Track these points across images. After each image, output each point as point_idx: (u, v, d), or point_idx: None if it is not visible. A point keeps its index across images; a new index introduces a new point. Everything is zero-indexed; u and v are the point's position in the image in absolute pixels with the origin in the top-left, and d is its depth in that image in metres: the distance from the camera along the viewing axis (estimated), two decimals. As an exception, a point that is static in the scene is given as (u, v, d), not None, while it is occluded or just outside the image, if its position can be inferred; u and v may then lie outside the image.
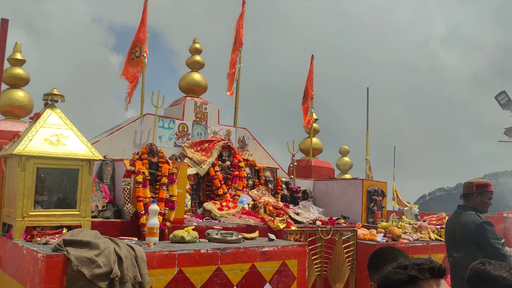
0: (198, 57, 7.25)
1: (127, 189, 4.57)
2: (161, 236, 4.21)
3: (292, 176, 7.47)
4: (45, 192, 3.79)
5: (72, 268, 2.98)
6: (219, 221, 5.35)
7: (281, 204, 6.05)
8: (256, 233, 4.67)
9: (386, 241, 5.69)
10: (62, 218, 3.79)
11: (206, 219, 5.47)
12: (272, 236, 4.53)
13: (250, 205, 5.98)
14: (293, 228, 5.46)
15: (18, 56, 5.98)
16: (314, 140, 9.05)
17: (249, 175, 6.64)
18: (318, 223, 6.20)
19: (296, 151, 7.71)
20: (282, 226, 5.40)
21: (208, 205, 5.66)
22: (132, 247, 3.32)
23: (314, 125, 8.97)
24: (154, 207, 4.02)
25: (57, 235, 3.61)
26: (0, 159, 4.13)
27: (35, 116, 4.02)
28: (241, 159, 6.53)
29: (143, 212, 4.45)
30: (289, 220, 5.74)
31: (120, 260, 3.15)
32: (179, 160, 5.83)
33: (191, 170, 5.93)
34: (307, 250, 4.40)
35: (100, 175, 5.04)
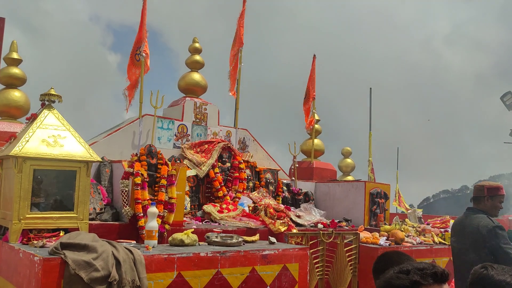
0: (197, 57, 7.20)
1: (126, 191, 4.55)
2: (160, 239, 4.20)
3: (293, 178, 7.44)
4: (42, 194, 3.76)
5: (69, 272, 2.95)
6: (219, 224, 5.33)
7: (282, 207, 6.02)
8: (257, 236, 4.64)
9: (389, 245, 5.64)
10: (59, 220, 3.76)
11: (205, 222, 5.45)
12: (273, 239, 4.51)
13: (250, 208, 5.95)
14: (294, 231, 5.43)
15: (15, 55, 5.94)
16: (316, 141, 9.01)
17: (249, 177, 6.61)
18: (320, 226, 6.18)
19: (298, 153, 7.67)
20: (283, 229, 5.37)
21: (208, 207, 5.63)
22: (130, 250, 3.29)
23: (316, 126, 8.93)
24: (153, 209, 4.00)
25: (54, 238, 3.57)
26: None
27: (32, 116, 4.00)
28: (242, 161, 6.51)
29: (142, 214, 4.43)
30: (290, 223, 5.73)
31: (118, 263, 3.12)
32: (178, 161, 5.79)
33: (191, 172, 5.90)
34: (308, 254, 4.39)
35: (98, 177, 5.00)
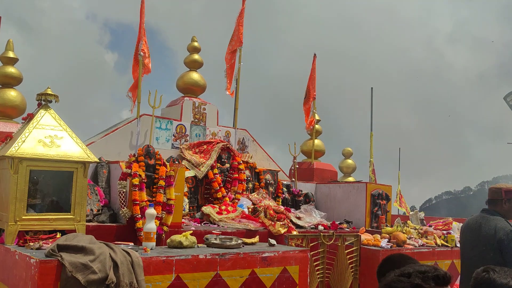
0: (196, 56, 7.17)
1: (123, 192, 4.54)
2: (158, 241, 4.17)
3: (293, 179, 7.41)
4: (38, 195, 3.74)
5: (66, 274, 2.93)
6: (218, 226, 5.31)
7: (282, 208, 5.98)
8: (256, 238, 4.62)
9: (391, 247, 5.61)
10: (55, 222, 3.74)
11: (204, 224, 5.42)
12: (272, 241, 4.49)
13: (250, 209, 5.92)
14: (295, 233, 5.42)
15: (11, 54, 5.93)
16: (316, 141, 8.98)
17: (249, 178, 6.58)
18: (320, 227, 6.15)
19: (298, 153, 7.64)
20: (283, 230, 5.35)
21: (207, 209, 5.60)
22: (128, 253, 3.27)
23: (316, 126, 8.90)
24: (151, 211, 3.97)
25: (50, 240, 3.55)
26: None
27: (28, 116, 3.98)
28: (241, 161, 6.48)
29: (140, 216, 4.42)
30: (290, 224, 5.70)
31: (115, 266, 3.10)
32: (176, 162, 5.77)
33: (189, 173, 5.88)
34: (309, 256, 4.36)
35: (95, 178, 4.99)
